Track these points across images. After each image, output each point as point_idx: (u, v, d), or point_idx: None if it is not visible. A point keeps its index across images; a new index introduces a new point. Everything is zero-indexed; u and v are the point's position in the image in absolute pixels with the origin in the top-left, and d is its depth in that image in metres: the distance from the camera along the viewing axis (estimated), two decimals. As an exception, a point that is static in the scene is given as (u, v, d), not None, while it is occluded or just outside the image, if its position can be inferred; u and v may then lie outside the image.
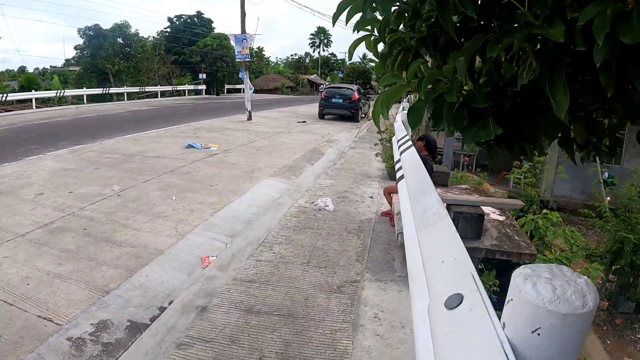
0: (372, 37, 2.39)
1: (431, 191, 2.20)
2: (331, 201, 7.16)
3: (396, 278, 4.67)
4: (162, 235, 5.63)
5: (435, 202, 2.02)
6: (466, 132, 1.95)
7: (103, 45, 39.02)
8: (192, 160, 10.33)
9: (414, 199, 2.31)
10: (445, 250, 1.50)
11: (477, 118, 1.93)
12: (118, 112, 24.38)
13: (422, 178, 2.49)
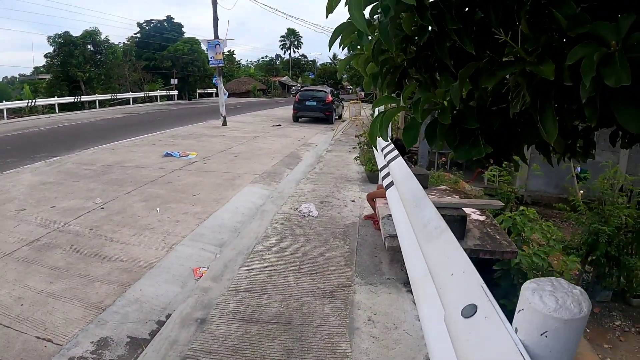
0: (361, 56, 2.54)
1: (427, 203, 2.34)
2: (314, 207, 7.30)
3: (385, 281, 4.82)
4: (151, 248, 5.69)
5: (434, 215, 2.16)
6: (458, 150, 2.09)
7: (73, 53, 38.44)
8: (172, 169, 10.36)
9: (411, 211, 2.45)
10: (452, 263, 1.65)
11: (467, 137, 2.08)
12: (91, 120, 24.21)
13: (416, 189, 2.62)
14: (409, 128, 2.09)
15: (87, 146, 13.90)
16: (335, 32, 2.12)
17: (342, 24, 2.12)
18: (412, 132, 2.08)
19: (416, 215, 2.33)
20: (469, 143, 2.10)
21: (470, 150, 2.10)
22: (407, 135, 2.08)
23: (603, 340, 8.78)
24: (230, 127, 20.09)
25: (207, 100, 47.77)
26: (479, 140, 2.10)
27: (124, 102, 39.05)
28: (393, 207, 3.42)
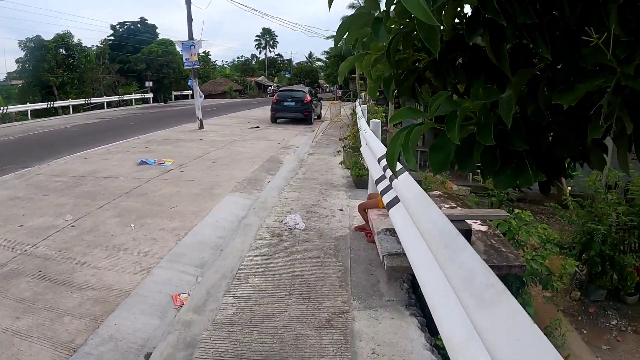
0: (367, 57, 2.09)
1: (462, 245, 1.87)
2: (301, 218, 6.81)
3: (385, 303, 4.36)
4: (126, 273, 5.16)
5: (478, 265, 1.70)
6: (499, 176, 1.66)
7: (45, 57, 37.68)
8: (148, 179, 9.80)
9: (440, 252, 1.97)
10: (525, 348, 1.19)
11: (510, 159, 1.64)
12: (64, 127, 23.56)
13: (441, 223, 2.14)
14: (437, 148, 1.63)
15: (59, 155, 13.27)
16: (341, 26, 1.65)
17: (350, 17, 1.67)
18: (441, 154, 1.62)
19: (449, 260, 1.86)
20: (511, 168, 1.67)
21: (514, 177, 1.67)
22: (435, 158, 1.62)
23: (601, 341, 8.61)
24: (207, 131, 19.54)
25: (183, 103, 47.11)
26: (526, 164, 1.65)
27: (98, 107, 38.46)
28: (404, 236, 2.86)
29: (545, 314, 7.78)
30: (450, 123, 1.53)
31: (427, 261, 2.15)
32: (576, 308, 9.65)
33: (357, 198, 8.18)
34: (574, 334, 8.20)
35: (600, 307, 9.70)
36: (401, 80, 2.01)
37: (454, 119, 1.53)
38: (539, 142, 1.67)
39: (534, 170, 1.63)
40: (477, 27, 1.36)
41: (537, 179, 1.65)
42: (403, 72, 2.01)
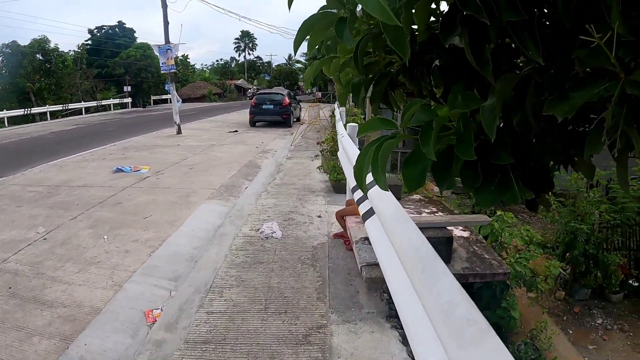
0: (335, 61, 1.90)
1: (440, 269, 1.69)
2: (278, 226, 6.60)
3: (365, 316, 4.18)
4: (98, 288, 4.91)
5: (458, 295, 1.51)
6: (481, 193, 1.48)
7: (22, 63, 37.12)
8: (123, 187, 9.52)
9: (417, 276, 1.77)
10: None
11: (493, 174, 1.46)
12: (41, 134, 23.07)
13: (418, 242, 1.95)
14: (411, 162, 1.44)
15: (35, 164, 12.90)
16: (302, 28, 1.46)
17: (312, 17, 1.47)
18: (416, 170, 1.43)
19: (426, 287, 1.66)
20: (495, 183, 1.48)
21: (498, 194, 1.49)
22: (409, 173, 1.44)
23: (587, 341, 8.61)
24: (185, 136, 19.24)
25: (162, 107, 46.55)
26: (511, 179, 1.48)
27: (77, 113, 37.94)
28: (380, 252, 2.65)
29: (530, 316, 7.69)
30: (425, 135, 1.35)
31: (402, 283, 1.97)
32: (561, 308, 9.66)
33: (335, 203, 8.00)
34: (560, 334, 8.14)
35: (585, 306, 9.76)
36: (372, 85, 1.82)
37: (429, 130, 1.35)
38: (525, 154, 1.50)
39: (520, 186, 1.46)
40: (454, 27, 1.17)
41: (523, 195, 1.47)
42: (374, 77, 1.83)
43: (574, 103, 1.09)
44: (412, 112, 1.43)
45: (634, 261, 10.57)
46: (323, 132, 16.36)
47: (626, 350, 8.43)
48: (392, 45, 1.12)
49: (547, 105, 1.14)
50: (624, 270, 10.04)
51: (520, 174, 1.47)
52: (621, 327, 9.11)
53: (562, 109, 1.11)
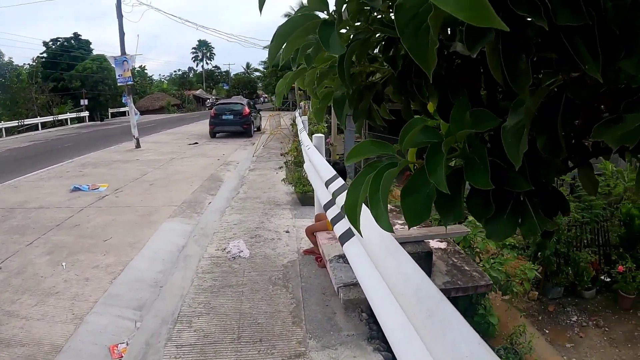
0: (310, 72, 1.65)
1: (449, 311, 1.43)
2: (245, 244, 6.29)
3: (345, 339, 3.93)
4: (57, 322, 4.52)
5: (478, 347, 1.26)
6: (493, 225, 1.22)
7: (-26, 78, 35.97)
8: (81, 207, 9.06)
9: (420, 319, 1.50)
10: None
11: (505, 202, 1.21)
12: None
13: (417, 279, 1.68)
14: (412, 191, 1.18)
15: (-12, 185, 12.24)
16: (279, 34, 1.19)
17: (290, 21, 1.20)
18: (419, 199, 1.17)
19: (435, 337, 1.39)
20: (508, 213, 1.23)
21: (512, 225, 1.24)
22: (410, 205, 1.17)
23: (564, 339, 8.63)
24: (144, 150, 18.75)
25: (120, 120, 45.62)
26: (528, 207, 1.23)
27: (33, 128, 36.66)
28: (368, 286, 2.32)
29: (507, 319, 7.62)
30: (432, 161, 1.09)
31: (399, 321, 1.71)
32: (536, 308, 9.70)
33: (303, 217, 7.76)
34: (537, 334, 8.12)
35: (559, 304, 9.86)
36: (356, 100, 1.57)
37: (437, 155, 1.10)
38: (544, 178, 1.26)
39: (539, 216, 1.21)
40: (485, 31, 0.91)
41: (544, 226, 1.23)
42: (357, 90, 1.57)
43: (630, 127, 0.86)
44: (413, 134, 1.18)
45: (603, 257, 10.64)
46: (286, 141, 16.12)
47: (603, 346, 8.47)
48: (412, 53, 0.85)
49: (596, 129, 0.91)
50: (595, 267, 10.12)
51: (539, 202, 1.23)
52: (596, 323, 9.17)
53: (614, 135, 0.89)
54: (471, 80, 1.33)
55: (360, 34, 1.29)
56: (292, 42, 1.26)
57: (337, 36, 1.12)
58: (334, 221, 3.67)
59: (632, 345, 8.47)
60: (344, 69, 1.26)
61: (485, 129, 1.12)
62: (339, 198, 3.52)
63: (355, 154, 1.29)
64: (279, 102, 1.90)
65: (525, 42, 0.92)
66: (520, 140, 1.03)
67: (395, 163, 1.17)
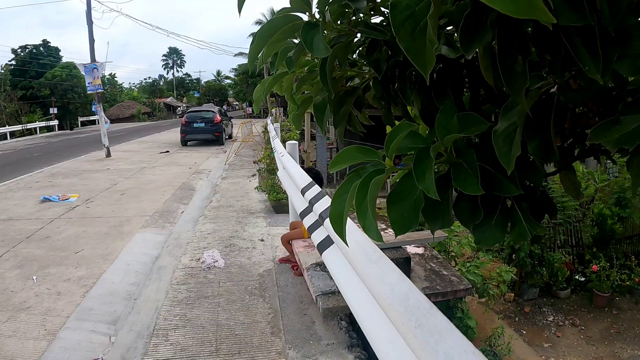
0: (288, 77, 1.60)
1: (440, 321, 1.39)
2: (219, 254, 6.19)
3: (325, 348, 3.87)
4: (29, 339, 4.34)
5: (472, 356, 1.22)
6: (482, 231, 1.19)
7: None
8: (51, 219, 8.83)
9: (409, 329, 1.45)
10: None
11: (493, 207, 1.19)
12: (-37, 163, 21.45)
13: (403, 288, 1.63)
14: (398, 198, 1.14)
15: (-46, 197, 11.85)
16: (260, 35, 1.14)
17: (271, 22, 1.15)
18: (405, 207, 1.13)
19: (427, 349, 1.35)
20: (496, 218, 1.20)
21: (502, 231, 1.21)
22: (397, 213, 1.13)
23: (541, 339, 8.74)
24: (114, 159, 18.46)
25: (90, 129, 44.97)
26: (517, 212, 1.20)
27: (1, 137, 35.80)
28: (348, 293, 2.27)
29: (485, 322, 7.65)
30: (420, 167, 1.05)
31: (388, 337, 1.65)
32: (512, 309, 9.80)
33: (277, 225, 7.71)
34: (515, 336, 8.20)
35: (535, 305, 10.00)
36: (336, 105, 1.52)
37: (426, 160, 1.06)
38: (531, 182, 1.23)
39: (529, 221, 1.18)
40: (482, 31, 0.86)
41: (534, 231, 1.20)
42: (337, 95, 1.52)
43: (628, 129, 0.84)
44: (399, 139, 1.13)
45: (577, 257, 10.79)
46: (258, 149, 16.05)
47: (580, 344, 8.58)
48: (409, 54, 0.81)
49: (594, 132, 0.88)
50: (569, 267, 10.27)
51: (528, 206, 1.20)
52: (572, 322, 9.29)
53: (610, 138, 0.86)
54: (455, 84, 1.29)
55: (343, 37, 1.25)
56: (273, 44, 1.22)
57: (322, 38, 1.07)
58: (312, 229, 3.62)
59: (608, 342, 8.60)
60: (326, 73, 1.21)
61: (474, 133, 1.09)
62: (317, 205, 3.47)
63: (340, 161, 1.25)
64: (257, 108, 1.84)
65: (522, 43, 0.88)
66: (512, 143, 1.00)
67: (382, 169, 1.13)
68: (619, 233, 10.67)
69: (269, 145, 14.14)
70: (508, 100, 1.04)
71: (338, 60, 1.37)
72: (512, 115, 1.01)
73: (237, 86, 69.84)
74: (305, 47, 1.08)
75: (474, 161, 1.06)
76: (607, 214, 10.57)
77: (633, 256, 10.65)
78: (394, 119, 1.63)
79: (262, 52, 1.24)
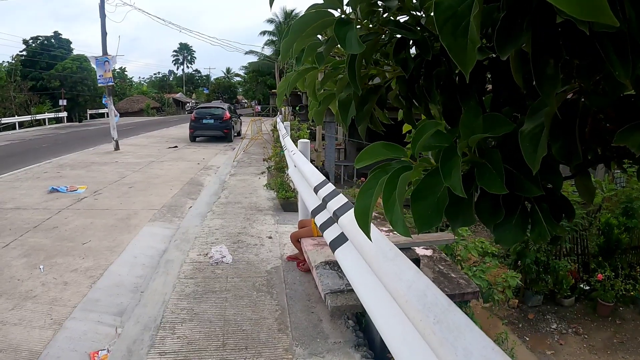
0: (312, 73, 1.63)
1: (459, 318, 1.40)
2: (227, 250, 6.21)
3: (332, 347, 3.88)
4: (35, 328, 4.36)
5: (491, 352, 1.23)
6: (502, 230, 1.20)
7: (-49, 76, 35.27)
8: (59, 209, 8.88)
9: (427, 326, 1.45)
10: None
11: (514, 207, 1.21)
12: (-28, 151, 21.58)
13: (421, 285, 1.63)
14: (421, 196, 1.15)
15: (-37, 185, 11.92)
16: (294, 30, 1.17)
17: (304, 17, 1.17)
18: (428, 205, 1.14)
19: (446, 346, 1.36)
20: (516, 218, 1.21)
21: (521, 231, 1.23)
22: (420, 210, 1.15)
23: (544, 346, 8.72)
24: (123, 152, 18.53)
25: (99, 122, 45.07)
26: (538, 212, 1.22)
27: (10, 127, 35.95)
28: (361, 291, 2.27)
29: (487, 326, 7.65)
30: (447, 165, 1.07)
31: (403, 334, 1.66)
32: (515, 315, 9.79)
33: (285, 223, 7.73)
34: (517, 341, 8.19)
35: (539, 312, 9.98)
36: (360, 102, 1.54)
37: (453, 158, 1.08)
38: (551, 184, 1.24)
39: (550, 221, 1.20)
40: (518, 33, 0.89)
41: (554, 232, 1.22)
42: (362, 93, 1.54)
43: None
44: (427, 136, 1.15)
45: (582, 266, 10.76)
46: (267, 147, 16.07)
47: (583, 353, 8.56)
48: (451, 52, 0.83)
49: (619, 135, 0.91)
50: (574, 275, 10.23)
51: (549, 207, 1.22)
52: (576, 331, 9.27)
53: (635, 141, 0.88)
54: (478, 85, 1.31)
55: (371, 35, 1.27)
56: (303, 39, 1.23)
57: (355, 34, 1.09)
58: (324, 227, 3.63)
59: (611, 352, 8.57)
60: (355, 70, 1.23)
61: (500, 133, 1.11)
62: (331, 203, 3.48)
63: (366, 157, 1.26)
64: (280, 103, 1.86)
65: (555, 47, 0.90)
66: (539, 144, 1.02)
67: (409, 166, 1.15)
68: (624, 243, 10.65)
69: (278, 144, 14.16)
70: (535, 102, 1.06)
71: (364, 59, 1.39)
72: (539, 116, 1.03)
73: (247, 84, 69.91)
74: (338, 43, 1.10)
75: (499, 161, 1.08)
76: (613, 223, 10.55)
77: (638, 267, 10.60)
78: (413, 118, 1.65)
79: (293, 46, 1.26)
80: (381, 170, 1.18)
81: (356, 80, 1.25)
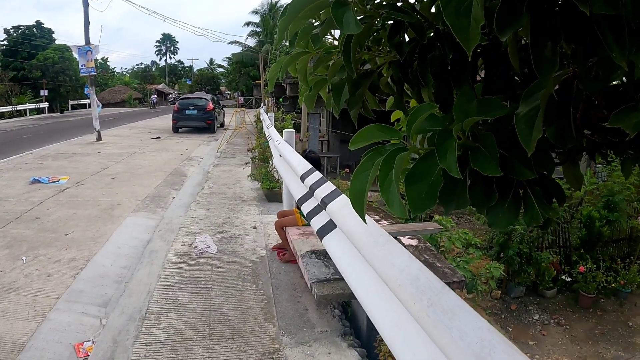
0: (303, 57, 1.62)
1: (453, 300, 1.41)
2: (212, 239, 6.20)
3: (319, 335, 3.89)
4: (19, 320, 4.31)
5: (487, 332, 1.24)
6: (495, 213, 1.21)
7: None
8: (40, 200, 8.78)
9: (421, 309, 1.47)
10: None
11: (507, 190, 1.22)
12: (-50, 143, 21.20)
13: (413, 269, 1.65)
14: (415, 179, 1.15)
15: (-58, 177, 11.71)
16: (291, 10, 1.17)
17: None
18: (422, 187, 1.14)
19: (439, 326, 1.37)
20: (509, 201, 1.22)
21: (514, 214, 1.25)
22: (414, 193, 1.14)
23: (527, 336, 8.84)
24: (105, 143, 18.35)
25: (81, 112, 44.66)
26: (530, 196, 1.23)
27: (-9, 118, 35.41)
28: (352, 279, 2.26)
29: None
30: (442, 147, 1.07)
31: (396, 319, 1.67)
32: (498, 306, 9.89)
33: (269, 213, 7.73)
34: (501, 332, 8.25)
35: (521, 303, 10.12)
36: (353, 87, 1.54)
37: (448, 140, 1.08)
38: (544, 169, 1.25)
39: (542, 204, 1.21)
40: (517, 15, 0.90)
41: (547, 214, 1.23)
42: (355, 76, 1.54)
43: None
44: (421, 120, 1.16)
45: (564, 258, 10.90)
46: (250, 138, 16.03)
47: (565, 343, 8.68)
48: (454, 31, 0.84)
49: (614, 117, 0.92)
50: (556, 267, 10.36)
51: (541, 190, 1.23)
52: (557, 321, 9.39)
53: (629, 122, 0.89)
54: (471, 71, 1.32)
55: (366, 18, 1.27)
56: (300, 20, 1.23)
57: (353, 14, 1.09)
58: (311, 215, 3.63)
59: (592, 342, 8.71)
60: (350, 52, 1.23)
61: (494, 116, 1.12)
62: (318, 191, 3.48)
63: (361, 139, 1.26)
64: (271, 87, 1.86)
65: (554, 29, 0.91)
66: (534, 126, 1.02)
67: (404, 148, 1.15)
68: (606, 236, 10.83)
69: (262, 134, 14.12)
70: (530, 86, 1.06)
71: (359, 43, 1.38)
72: (534, 99, 1.04)
73: (230, 75, 69.58)
74: (336, 23, 1.10)
75: (493, 144, 1.09)
76: (595, 216, 10.70)
77: (619, 259, 10.78)
78: (405, 104, 1.66)
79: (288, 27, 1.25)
80: (375, 153, 1.18)
81: (351, 63, 1.24)
